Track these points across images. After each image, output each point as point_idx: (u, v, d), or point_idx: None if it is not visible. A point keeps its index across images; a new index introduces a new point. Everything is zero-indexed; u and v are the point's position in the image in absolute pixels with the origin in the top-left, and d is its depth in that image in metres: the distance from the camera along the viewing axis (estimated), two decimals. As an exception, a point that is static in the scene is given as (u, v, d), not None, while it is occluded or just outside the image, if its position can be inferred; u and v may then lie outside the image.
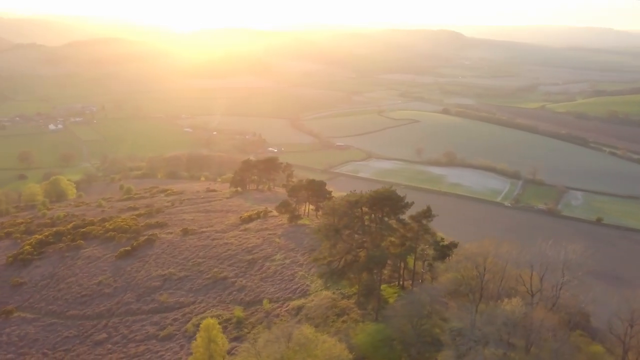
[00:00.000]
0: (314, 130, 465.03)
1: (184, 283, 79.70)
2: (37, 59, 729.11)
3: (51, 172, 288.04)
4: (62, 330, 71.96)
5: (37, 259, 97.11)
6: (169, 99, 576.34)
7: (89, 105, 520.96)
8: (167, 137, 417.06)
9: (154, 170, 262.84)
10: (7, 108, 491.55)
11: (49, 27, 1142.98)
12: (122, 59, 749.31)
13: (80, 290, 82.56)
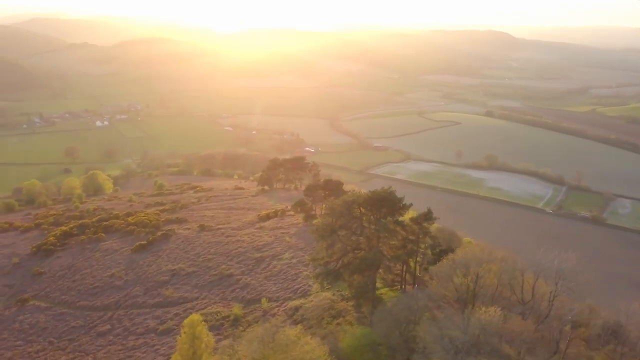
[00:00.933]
0: (352, 131, 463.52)
1: (191, 278, 79.93)
2: (89, 59, 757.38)
3: (94, 167, 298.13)
4: (70, 320, 73.46)
5: (59, 249, 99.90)
6: (212, 98, 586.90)
7: (134, 103, 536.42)
8: (207, 136, 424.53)
9: (190, 167, 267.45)
10: (58, 105, 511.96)
11: (101, 27, 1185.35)
12: (168, 59, 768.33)
13: (93, 281, 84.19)
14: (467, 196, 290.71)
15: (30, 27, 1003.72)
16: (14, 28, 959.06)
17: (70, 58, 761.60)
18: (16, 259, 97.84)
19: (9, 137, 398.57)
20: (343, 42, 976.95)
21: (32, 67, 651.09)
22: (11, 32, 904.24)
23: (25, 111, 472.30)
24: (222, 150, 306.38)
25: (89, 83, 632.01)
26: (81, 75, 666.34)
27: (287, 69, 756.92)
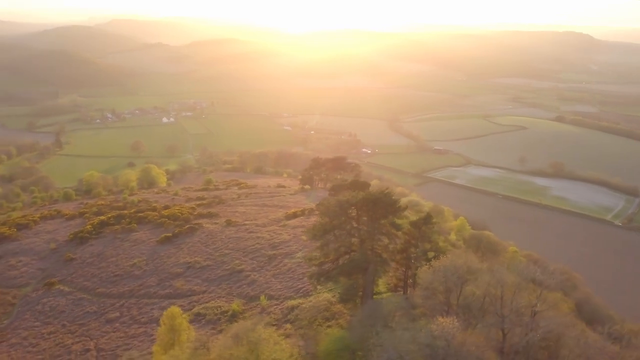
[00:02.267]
0: (412, 133, 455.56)
1: (204, 272, 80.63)
2: (162, 58, 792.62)
3: (155, 161, 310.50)
4: (87, 306, 76.11)
5: (93, 238, 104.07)
6: (275, 98, 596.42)
7: (200, 101, 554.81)
8: (266, 134, 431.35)
9: (244, 164, 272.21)
10: (129, 102, 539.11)
11: (175, 28, 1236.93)
12: (236, 59, 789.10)
13: (115, 270, 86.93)
14: (529, 204, 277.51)
15: (111, 28, 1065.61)
16: (97, 29, 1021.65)
17: (144, 57, 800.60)
18: (54, 245, 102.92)
19: (84, 130, 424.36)
20: (410, 43, 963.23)
21: (109, 66, 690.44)
22: (93, 32, 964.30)
23: (99, 107, 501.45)
24: (275, 149, 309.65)
25: (160, 81, 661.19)
26: (153, 74, 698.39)
27: (351, 70, 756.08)
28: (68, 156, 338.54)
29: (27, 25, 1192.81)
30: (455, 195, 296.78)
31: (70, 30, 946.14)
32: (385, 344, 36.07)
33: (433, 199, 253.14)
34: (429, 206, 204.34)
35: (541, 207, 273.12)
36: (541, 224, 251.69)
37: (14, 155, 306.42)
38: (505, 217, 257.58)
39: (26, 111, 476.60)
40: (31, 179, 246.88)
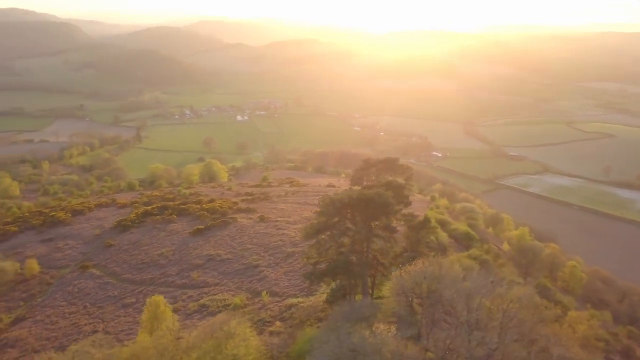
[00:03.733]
0: (487, 137, 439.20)
1: (222, 265, 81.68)
2: (241, 58, 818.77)
3: (224, 157, 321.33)
4: (110, 290, 79.61)
5: (135, 226, 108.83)
6: (347, 98, 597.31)
7: (274, 100, 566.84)
8: (335, 134, 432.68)
9: (305, 163, 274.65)
10: (207, 100, 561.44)
11: (256, 29, 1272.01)
12: (314, 59, 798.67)
13: (144, 258, 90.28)
14: (609, 217, 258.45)
15: (198, 29, 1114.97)
16: (185, 30, 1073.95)
17: (225, 57, 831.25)
18: (98, 231, 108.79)
19: (162, 126, 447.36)
20: (488, 44, 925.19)
21: (192, 65, 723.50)
22: (181, 33, 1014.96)
23: (179, 104, 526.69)
24: (338, 149, 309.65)
25: (238, 80, 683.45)
26: (233, 73, 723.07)
27: (428, 71, 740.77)
28: (145, 149, 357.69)
29: (123, 26, 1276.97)
30: (526, 204, 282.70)
31: (160, 31, 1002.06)
32: (318, 347, 34.66)
33: (501, 207, 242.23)
34: (489, 214, 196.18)
35: (624, 222, 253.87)
36: (620, 239, 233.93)
37: (96, 147, 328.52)
38: (579, 230, 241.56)
39: (113, 106, 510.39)
40: (107, 170, 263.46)
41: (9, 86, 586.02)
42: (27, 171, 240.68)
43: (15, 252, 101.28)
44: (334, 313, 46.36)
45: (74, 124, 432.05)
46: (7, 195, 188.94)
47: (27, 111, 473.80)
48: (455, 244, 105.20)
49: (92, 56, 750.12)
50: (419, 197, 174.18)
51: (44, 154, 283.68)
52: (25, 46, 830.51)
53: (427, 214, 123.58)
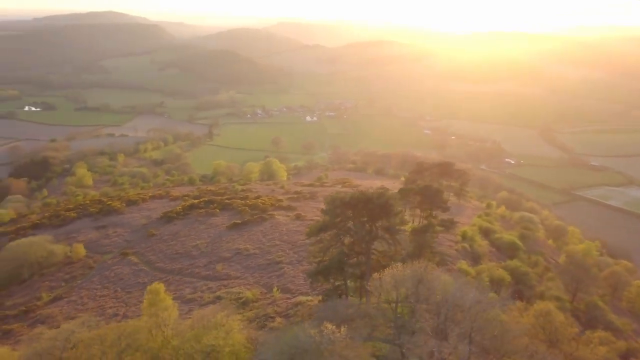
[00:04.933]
0: (566, 145, 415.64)
1: (247, 259, 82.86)
2: (317, 58, 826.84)
3: (287, 156, 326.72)
4: (142, 277, 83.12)
5: (179, 218, 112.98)
6: (421, 100, 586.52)
7: (345, 101, 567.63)
8: (404, 137, 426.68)
9: (367, 165, 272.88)
10: (280, 100, 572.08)
11: (333, 30, 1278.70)
12: (388, 60, 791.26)
13: (180, 248, 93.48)
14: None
15: (276, 31, 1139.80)
16: (263, 31, 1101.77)
17: (300, 58, 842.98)
18: (145, 221, 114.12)
19: (235, 124, 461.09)
20: (575, 46, 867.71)
21: (267, 65, 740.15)
22: (259, 34, 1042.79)
23: (252, 103, 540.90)
24: (401, 151, 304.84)
25: (312, 81, 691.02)
26: (307, 74, 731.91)
27: (506, 74, 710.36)
28: (216, 147, 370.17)
29: (207, 28, 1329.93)
30: (603, 218, 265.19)
31: (240, 32, 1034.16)
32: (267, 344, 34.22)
33: (574, 220, 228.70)
34: (552, 225, 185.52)
35: None
36: None
37: (170, 142, 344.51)
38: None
39: (190, 104, 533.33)
40: (177, 164, 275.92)
41: (99, 84, 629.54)
42: (103, 162, 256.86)
43: (69, 237, 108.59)
44: (319, 312, 45.69)
45: (153, 120, 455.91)
46: (81, 184, 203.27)
47: (112, 107, 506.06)
48: (497, 253, 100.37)
49: (175, 56, 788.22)
50: (475, 203, 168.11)
51: (121, 147, 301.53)
52: (117, 47, 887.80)
53: (473, 221, 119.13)
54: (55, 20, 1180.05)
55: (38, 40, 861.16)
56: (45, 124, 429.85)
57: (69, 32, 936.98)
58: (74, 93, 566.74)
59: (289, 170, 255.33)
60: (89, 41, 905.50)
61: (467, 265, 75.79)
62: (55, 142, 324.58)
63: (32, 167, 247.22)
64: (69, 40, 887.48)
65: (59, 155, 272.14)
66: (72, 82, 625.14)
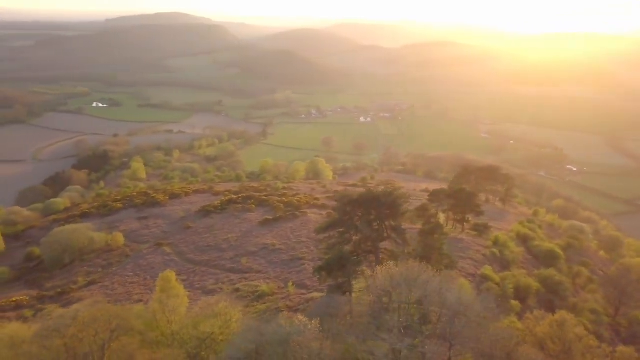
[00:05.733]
0: (635, 153, 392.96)
1: (272, 255, 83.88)
2: (375, 59, 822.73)
3: (336, 157, 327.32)
4: (171, 267, 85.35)
5: (217, 212, 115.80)
6: (480, 103, 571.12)
7: (401, 102, 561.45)
8: (459, 140, 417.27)
9: (416, 167, 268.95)
10: (335, 100, 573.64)
11: (393, 30, 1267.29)
12: (449, 62, 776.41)
13: (211, 241, 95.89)
14: None
15: (336, 31, 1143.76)
16: (323, 32, 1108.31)
17: (358, 58, 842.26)
18: (184, 214, 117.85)
19: (288, 124, 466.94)
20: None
21: (325, 66, 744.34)
22: (319, 34, 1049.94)
23: (308, 103, 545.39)
24: (453, 154, 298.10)
25: (368, 82, 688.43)
26: (364, 74, 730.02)
27: (574, 78, 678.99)
28: (268, 145, 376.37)
29: (268, 28, 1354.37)
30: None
31: (300, 33, 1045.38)
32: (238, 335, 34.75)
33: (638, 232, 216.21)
34: (607, 236, 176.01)
35: None
36: None
37: (224, 140, 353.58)
38: None
39: (247, 103, 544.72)
40: (228, 161, 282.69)
41: (162, 82, 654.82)
42: (159, 157, 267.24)
43: (113, 226, 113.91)
44: (313, 308, 45.88)
45: (211, 118, 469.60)
46: (135, 178, 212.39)
47: (173, 105, 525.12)
48: (533, 261, 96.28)
49: (236, 56, 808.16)
50: (522, 210, 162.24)
51: (177, 143, 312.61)
52: (181, 47, 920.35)
53: (512, 227, 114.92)
54: (126, 22, 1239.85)
55: (109, 41, 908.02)
56: (110, 120, 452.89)
57: (137, 32, 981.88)
58: (138, 91, 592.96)
59: (336, 171, 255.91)
60: (155, 41, 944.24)
61: (491, 271, 73.19)
62: (116, 137, 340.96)
63: (93, 160, 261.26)
64: (136, 41, 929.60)
65: (118, 150, 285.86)
66: (137, 80, 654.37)
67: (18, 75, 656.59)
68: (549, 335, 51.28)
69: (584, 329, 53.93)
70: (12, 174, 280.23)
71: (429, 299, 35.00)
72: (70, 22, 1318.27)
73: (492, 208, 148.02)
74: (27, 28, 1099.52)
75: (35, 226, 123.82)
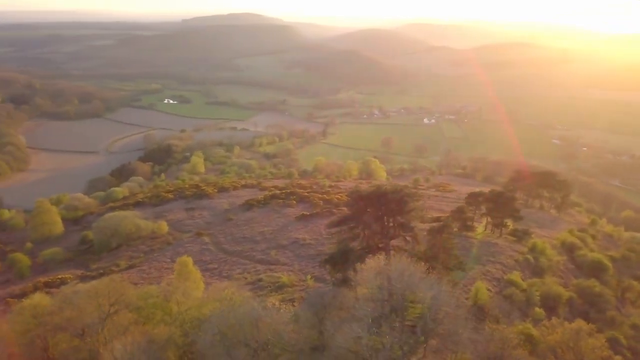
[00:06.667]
0: None
1: (301, 249, 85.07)
2: (444, 60, 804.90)
3: (396, 158, 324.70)
4: (206, 255, 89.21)
5: (259, 206, 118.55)
6: (554, 108, 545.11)
7: (468, 105, 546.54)
8: (528, 145, 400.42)
9: (476, 171, 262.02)
10: (399, 101, 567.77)
11: (465, 31, 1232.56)
12: (521, 64, 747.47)
13: (247, 233, 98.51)
14: None
15: (405, 32, 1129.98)
16: (392, 32, 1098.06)
17: (426, 59, 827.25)
18: (228, 206, 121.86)
19: (350, 124, 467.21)
20: None
21: (391, 66, 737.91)
22: (388, 35, 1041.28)
23: (371, 104, 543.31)
24: (515, 160, 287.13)
25: (435, 83, 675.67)
26: (431, 75, 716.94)
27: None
28: (328, 144, 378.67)
29: (337, 28, 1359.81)
30: None
31: (368, 33, 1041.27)
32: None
33: None
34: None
35: None
36: None
37: (284, 138, 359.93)
38: None
39: (310, 103, 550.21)
40: (285, 159, 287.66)
41: (231, 81, 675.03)
42: (219, 153, 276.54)
43: (161, 215, 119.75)
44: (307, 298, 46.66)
45: (274, 117, 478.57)
46: (193, 171, 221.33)
47: (239, 103, 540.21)
48: (576, 271, 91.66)
49: (302, 56, 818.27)
50: (579, 218, 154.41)
51: (238, 140, 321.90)
52: (251, 46, 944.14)
53: (559, 235, 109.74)
54: (200, 22, 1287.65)
55: (183, 40, 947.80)
56: (179, 116, 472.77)
57: (209, 32, 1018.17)
58: (207, 88, 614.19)
59: (392, 172, 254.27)
60: (226, 41, 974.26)
61: (519, 277, 70.74)
62: (183, 132, 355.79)
63: (157, 153, 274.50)
64: (209, 40, 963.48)
65: (181, 144, 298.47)
66: (207, 78, 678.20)
67: (98, 73, 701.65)
68: (560, 344, 49.49)
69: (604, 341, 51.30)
70: (86, 164, 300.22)
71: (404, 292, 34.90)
72: (149, 22, 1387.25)
73: (546, 215, 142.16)
74: (108, 28, 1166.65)
75: (94, 212, 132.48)
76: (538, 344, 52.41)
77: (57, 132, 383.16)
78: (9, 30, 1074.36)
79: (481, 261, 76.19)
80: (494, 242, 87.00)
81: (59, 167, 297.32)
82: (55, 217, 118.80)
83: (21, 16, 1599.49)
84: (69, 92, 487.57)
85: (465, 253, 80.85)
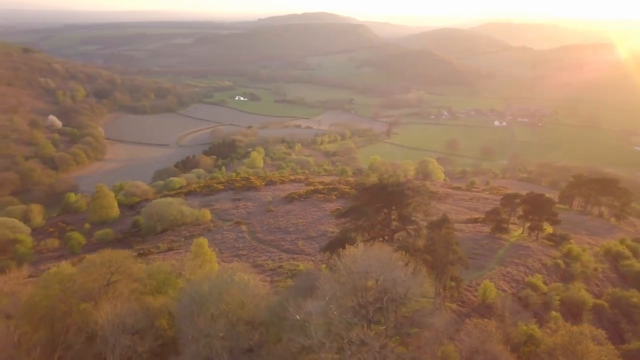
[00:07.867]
0: None
1: (326, 240, 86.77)
2: (520, 61, 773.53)
3: (458, 160, 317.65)
4: (239, 242, 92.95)
5: (300, 200, 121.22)
6: (636, 113, 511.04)
7: (543, 108, 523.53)
8: (606, 151, 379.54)
9: (541, 176, 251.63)
10: (470, 102, 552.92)
11: (546, 31, 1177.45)
12: (605, 66, 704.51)
13: (282, 225, 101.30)
14: None
15: (482, 31, 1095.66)
16: (468, 32, 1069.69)
17: (502, 59, 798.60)
18: (271, 199, 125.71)
19: (416, 124, 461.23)
20: None
21: (464, 66, 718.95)
22: (463, 35, 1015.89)
23: (440, 104, 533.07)
24: (585, 166, 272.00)
25: (509, 84, 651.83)
26: (507, 77, 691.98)
27: None
28: (391, 144, 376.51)
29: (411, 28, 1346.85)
30: None
31: (442, 33, 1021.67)
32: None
33: None
34: None
35: None
36: None
37: (346, 137, 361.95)
38: None
39: (378, 102, 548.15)
40: (344, 157, 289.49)
41: (300, 79, 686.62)
42: (280, 150, 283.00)
43: (208, 204, 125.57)
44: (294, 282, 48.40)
45: (340, 116, 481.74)
46: (252, 165, 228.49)
47: (306, 101, 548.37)
48: (618, 280, 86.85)
49: (372, 55, 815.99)
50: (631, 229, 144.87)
51: (300, 137, 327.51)
52: (323, 45, 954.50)
53: (605, 243, 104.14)
54: (275, 21, 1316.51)
55: (257, 39, 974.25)
56: (247, 112, 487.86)
57: (283, 31, 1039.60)
58: (277, 86, 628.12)
59: (454, 174, 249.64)
60: (299, 40, 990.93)
61: (540, 280, 68.61)
62: (249, 129, 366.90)
63: (221, 148, 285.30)
64: (282, 39, 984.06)
65: (245, 140, 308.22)
66: (278, 77, 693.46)
67: (175, 69, 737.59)
68: (559, 346, 48.23)
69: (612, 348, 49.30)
70: (157, 156, 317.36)
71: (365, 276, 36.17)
72: (226, 21, 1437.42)
73: (603, 223, 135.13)
74: (187, 27, 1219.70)
75: (149, 199, 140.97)
76: (540, 345, 51.46)
77: (133, 125, 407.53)
78: (99, 30, 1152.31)
79: (504, 262, 74.47)
80: (526, 245, 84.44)
81: (132, 158, 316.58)
82: (112, 202, 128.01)
83: (111, 16, 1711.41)
84: (146, 88, 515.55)
85: (491, 254, 79.43)
